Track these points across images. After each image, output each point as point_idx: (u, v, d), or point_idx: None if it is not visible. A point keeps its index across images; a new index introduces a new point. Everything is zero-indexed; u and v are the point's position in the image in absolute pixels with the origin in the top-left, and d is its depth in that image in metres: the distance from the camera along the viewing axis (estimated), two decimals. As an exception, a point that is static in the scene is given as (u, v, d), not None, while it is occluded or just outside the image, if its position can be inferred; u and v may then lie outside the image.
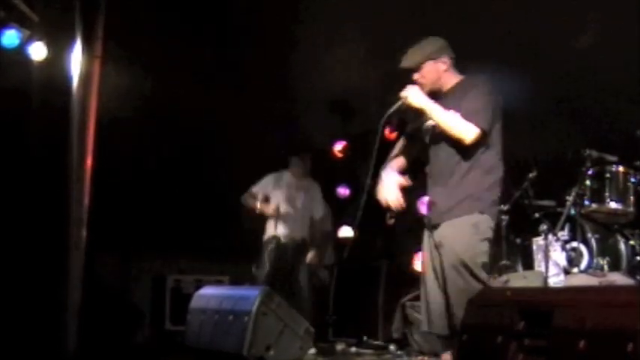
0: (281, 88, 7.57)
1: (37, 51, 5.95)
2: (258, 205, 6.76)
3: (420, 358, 6.19)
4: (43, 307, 5.11)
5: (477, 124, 3.78)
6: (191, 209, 7.81)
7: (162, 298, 7.61)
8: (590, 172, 5.56)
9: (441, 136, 3.95)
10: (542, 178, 6.37)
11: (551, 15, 6.62)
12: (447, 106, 3.89)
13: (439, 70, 4.02)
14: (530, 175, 6.36)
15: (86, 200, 5.02)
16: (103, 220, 5.79)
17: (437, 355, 5.89)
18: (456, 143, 3.86)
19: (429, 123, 4.03)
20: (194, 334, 5.53)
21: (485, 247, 3.83)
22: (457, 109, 3.83)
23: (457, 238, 3.81)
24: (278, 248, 6.75)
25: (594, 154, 5.59)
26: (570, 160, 5.76)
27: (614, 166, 5.56)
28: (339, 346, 7.06)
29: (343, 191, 8.86)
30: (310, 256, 6.91)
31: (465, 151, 3.86)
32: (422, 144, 4.17)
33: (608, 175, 5.52)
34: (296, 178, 6.95)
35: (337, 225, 8.41)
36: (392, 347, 6.70)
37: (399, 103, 3.96)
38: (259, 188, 6.87)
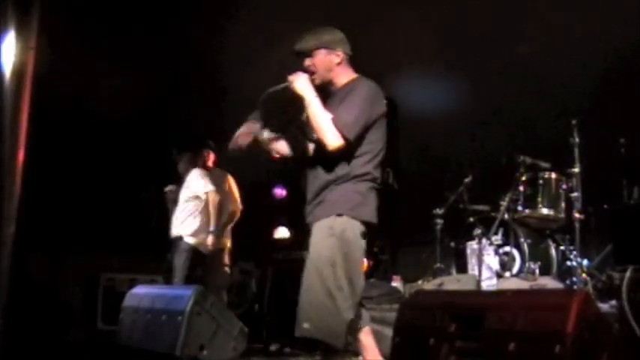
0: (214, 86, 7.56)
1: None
2: None
3: (355, 357, 6.20)
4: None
5: (341, 135, 3.67)
6: (126, 207, 7.68)
7: (95, 296, 7.45)
8: (523, 178, 5.66)
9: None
10: (477, 183, 6.48)
11: (491, 22, 6.74)
12: (333, 104, 3.81)
13: (331, 62, 3.89)
14: (466, 179, 6.46)
15: (16, 196, 4.87)
16: (34, 217, 5.65)
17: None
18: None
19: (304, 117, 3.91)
20: (126, 334, 5.44)
21: (339, 247, 3.72)
22: (336, 109, 3.76)
23: (317, 240, 3.80)
24: None
25: (528, 160, 5.70)
26: (505, 165, 5.86)
27: (547, 172, 5.68)
28: (273, 347, 7.03)
29: (280, 192, 8.82)
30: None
31: (334, 157, 3.76)
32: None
33: (541, 181, 5.64)
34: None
35: (274, 226, 8.37)
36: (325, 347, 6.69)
37: (284, 84, 3.84)
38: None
